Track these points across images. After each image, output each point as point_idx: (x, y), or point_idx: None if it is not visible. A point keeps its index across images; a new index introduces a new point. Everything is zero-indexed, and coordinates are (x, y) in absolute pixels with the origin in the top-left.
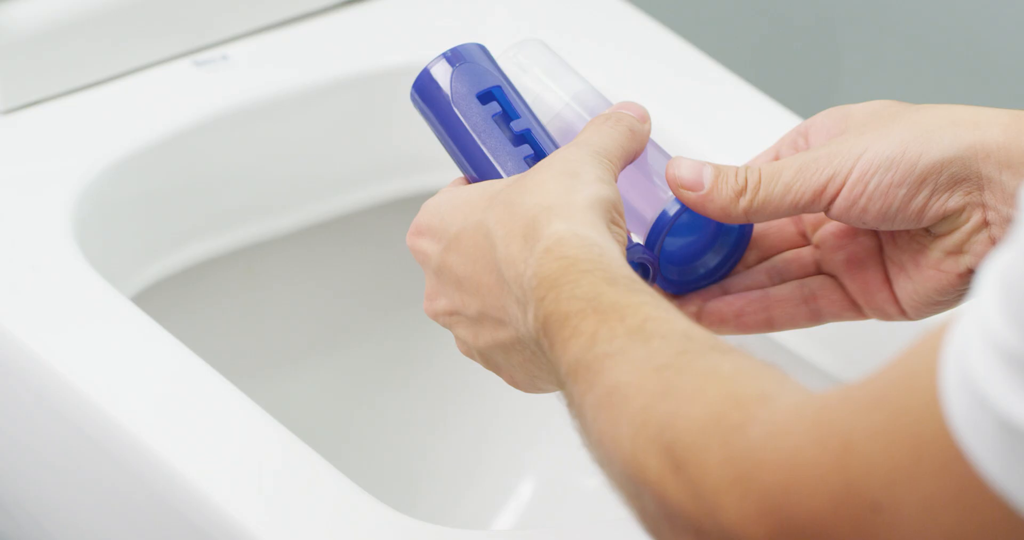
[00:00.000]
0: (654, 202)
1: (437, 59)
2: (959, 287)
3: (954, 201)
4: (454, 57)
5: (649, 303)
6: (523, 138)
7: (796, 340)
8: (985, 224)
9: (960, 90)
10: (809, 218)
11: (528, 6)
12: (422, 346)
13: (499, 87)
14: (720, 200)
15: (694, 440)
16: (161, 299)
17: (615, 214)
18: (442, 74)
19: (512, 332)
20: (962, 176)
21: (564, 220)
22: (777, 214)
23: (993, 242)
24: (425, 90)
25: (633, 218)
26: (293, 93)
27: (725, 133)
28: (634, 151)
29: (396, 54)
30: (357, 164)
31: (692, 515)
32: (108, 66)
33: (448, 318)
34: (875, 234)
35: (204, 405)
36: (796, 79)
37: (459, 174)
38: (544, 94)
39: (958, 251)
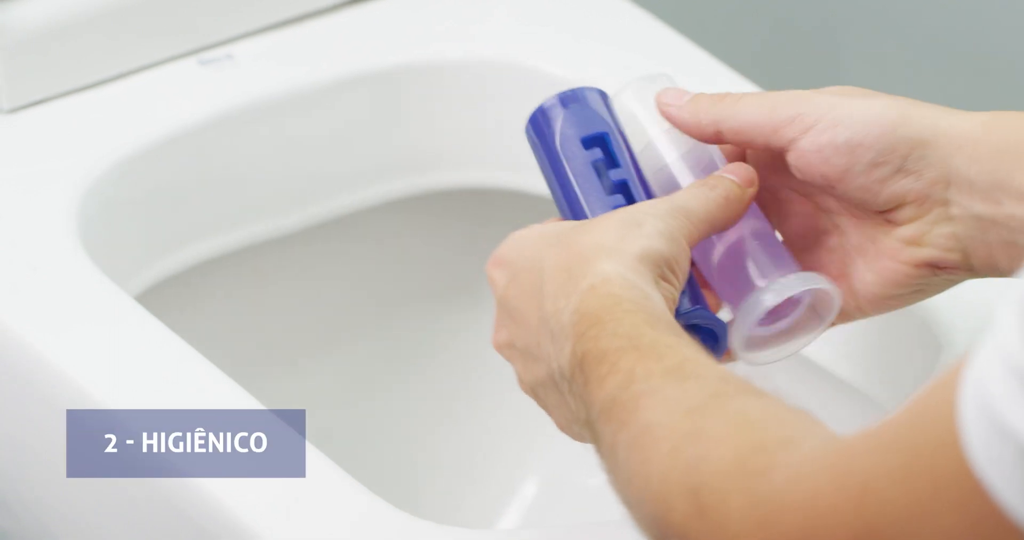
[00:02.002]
0: (743, 282)
1: (553, 98)
2: (916, 280)
3: (919, 186)
4: (569, 98)
5: (689, 346)
6: (618, 188)
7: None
8: (948, 219)
9: (961, 91)
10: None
11: (529, 6)
12: (426, 345)
13: (606, 134)
14: (695, 107)
15: (719, 484)
16: (165, 298)
17: (666, 270)
18: (555, 113)
19: (545, 368)
20: (932, 163)
21: (613, 262)
22: (743, 133)
23: (956, 239)
24: (537, 126)
25: (726, 285)
26: (298, 92)
27: None
28: (725, 219)
29: (401, 53)
30: (362, 163)
31: None
32: (112, 65)
33: (507, 351)
34: (837, 223)
35: (207, 403)
36: (798, 79)
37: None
38: (657, 142)
39: (917, 242)
